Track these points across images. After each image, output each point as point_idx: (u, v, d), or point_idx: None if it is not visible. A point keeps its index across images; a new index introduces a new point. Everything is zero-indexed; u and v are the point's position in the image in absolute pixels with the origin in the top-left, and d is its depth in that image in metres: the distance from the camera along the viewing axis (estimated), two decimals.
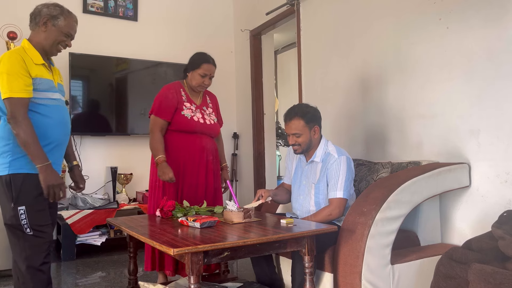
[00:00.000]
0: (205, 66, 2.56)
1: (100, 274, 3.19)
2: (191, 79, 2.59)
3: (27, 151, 1.83)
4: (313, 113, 2.29)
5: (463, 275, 1.65)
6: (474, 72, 2.31)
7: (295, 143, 2.28)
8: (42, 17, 1.97)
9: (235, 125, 4.92)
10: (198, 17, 4.73)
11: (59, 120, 1.99)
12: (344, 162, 2.21)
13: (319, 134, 2.31)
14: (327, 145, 2.31)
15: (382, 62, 2.90)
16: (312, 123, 2.27)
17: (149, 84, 4.33)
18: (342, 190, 2.17)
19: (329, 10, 3.40)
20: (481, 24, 2.27)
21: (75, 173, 2.24)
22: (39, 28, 1.98)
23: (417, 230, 2.38)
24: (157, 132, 2.53)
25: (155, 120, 2.54)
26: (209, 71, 2.57)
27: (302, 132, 2.25)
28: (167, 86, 2.64)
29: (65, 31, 2.01)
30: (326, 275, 2.08)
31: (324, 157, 2.28)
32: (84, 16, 4.17)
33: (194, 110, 2.59)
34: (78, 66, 3.99)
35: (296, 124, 2.25)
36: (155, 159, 2.47)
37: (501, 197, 2.19)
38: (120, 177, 4.07)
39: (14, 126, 1.81)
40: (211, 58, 2.61)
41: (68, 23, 2.02)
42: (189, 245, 1.56)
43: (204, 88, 2.64)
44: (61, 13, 2.00)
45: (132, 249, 2.29)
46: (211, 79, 2.61)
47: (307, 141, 2.27)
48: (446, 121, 2.46)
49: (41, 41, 1.98)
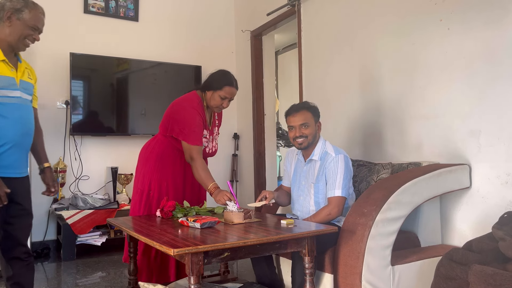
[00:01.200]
0: (227, 89, 2.42)
1: (100, 274, 3.19)
2: (210, 99, 2.45)
3: None
4: (316, 110, 2.34)
5: (463, 276, 1.65)
6: (475, 73, 2.31)
7: (302, 135, 2.27)
8: (6, 11, 1.88)
9: (236, 125, 4.92)
10: (199, 18, 4.73)
11: (16, 119, 1.89)
12: (342, 160, 2.22)
13: (320, 131, 2.34)
14: (325, 144, 2.33)
15: (383, 63, 2.90)
16: (317, 117, 2.32)
17: (150, 85, 4.33)
18: (341, 188, 2.18)
19: (330, 11, 3.40)
20: (482, 25, 2.27)
21: (47, 176, 2.12)
22: (3, 23, 1.89)
23: (417, 231, 2.38)
24: (202, 159, 2.38)
25: (197, 149, 2.37)
26: (231, 95, 2.44)
27: (311, 123, 2.27)
28: (195, 108, 2.43)
29: (30, 24, 1.91)
30: (326, 276, 2.07)
31: (322, 156, 2.29)
32: (85, 16, 4.18)
33: (208, 139, 2.52)
34: (79, 66, 3.99)
35: (305, 115, 2.27)
36: (209, 187, 2.29)
37: (501, 198, 2.19)
38: (120, 177, 4.07)
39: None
40: (234, 80, 2.47)
41: (34, 15, 1.92)
42: (190, 246, 1.56)
43: (221, 110, 2.54)
44: (25, 6, 1.90)
45: (132, 249, 2.29)
46: (230, 101, 2.48)
47: (314, 133, 2.29)
48: (447, 122, 2.46)
49: (6, 36, 1.89)
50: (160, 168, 2.47)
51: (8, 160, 1.85)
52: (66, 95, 4.01)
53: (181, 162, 2.49)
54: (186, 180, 2.53)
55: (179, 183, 2.50)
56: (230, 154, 4.83)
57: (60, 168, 3.91)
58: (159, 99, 4.25)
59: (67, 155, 4.03)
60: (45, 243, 3.88)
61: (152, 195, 2.48)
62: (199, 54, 4.66)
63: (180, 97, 2.55)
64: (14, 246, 1.96)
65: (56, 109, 4.01)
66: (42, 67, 3.97)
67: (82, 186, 4.09)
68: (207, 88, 2.47)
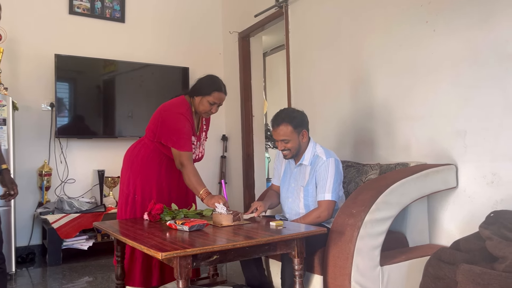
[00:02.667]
0: (216, 95, 2.40)
1: (87, 279, 3.14)
2: (198, 104, 2.43)
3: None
4: (300, 118, 2.28)
5: (451, 276, 1.66)
6: (461, 74, 2.34)
7: (285, 149, 2.27)
8: None
9: (224, 127, 4.90)
10: (186, 19, 4.71)
11: None
12: (332, 164, 2.21)
13: (307, 137, 2.30)
14: (315, 147, 2.31)
15: (370, 64, 2.91)
16: (300, 127, 2.25)
17: (137, 86, 4.29)
18: (331, 192, 2.17)
19: (317, 13, 3.41)
20: (467, 27, 2.30)
21: (5, 178, 2.04)
22: None
23: (405, 231, 2.39)
24: (193, 164, 2.36)
25: (187, 155, 2.35)
26: (220, 100, 2.42)
27: (291, 137, 2.23)
28: (184, 115, 2.40)
29: None
30: (316, 277, 2.07)
31: (312, 160, 2.27)
32: (70, 17, 4.12)
33: (195, 145, 2.50)
34: (64, 68, 3.93)
35: (284, 130, 2.23)
36: (200, 192, 2.27)
37: (487, 198, 2.22)
38: (107, 180, 4.02)
39: None
40: (223, 85, 2.45)
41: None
42: (178, 249, 1.54)
43: (209, 115, 2.52)
44: None
45: (119, 253, 2.26)
46: (219, 106, 2.46)
47: (296, 146, 2.26)
48: (434, 123, 2.48)
49: None
50: (145, 172, 2.44)
51: None
52: (51, 97, 3.95)
53: (166, 166, 2.47)
54: (172, 184, 2.50)
55: (165, 187, 2.48)
56: (218, 156, 4.81)
57: (45, 172, 3.84)
58: (146, 101, 4.22)
59: (52, 158, 3.97)
60: (30, 248, 3.81)
61: (136, 199, 2.45)
62: (187, 55, 4.63)
63: (168, 102, 2.51)
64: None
65: (41, 111, 3.95)
66: (27, 69, 3.91)
67: (68, 189, 4.03)
68: (196, 94, 2.44)
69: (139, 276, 2.39)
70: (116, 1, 4.34)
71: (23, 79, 3.90)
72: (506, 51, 2.12)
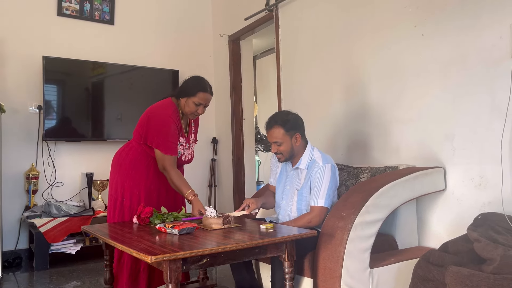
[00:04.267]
0: (201, 95, 2.37)
1: (74, 284, 3.10)
2: (184, 106, 2.41)
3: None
4: (294, 121, 2.27)
5: (440, 278, 1.67)
6: (449, 78, 2.37)
7: (277, 152, 2.26)
8: None
9: (214, 130, 4.89)
10: (176, 22, 4.69)
11: None
12: (328, 170, 2.20)
13: (301, 141, 2.28)
14: (313, 151, 2.29)
15: (360, 68, 2.93)
16: (293, 130, 2.24)
17: (126, 89, 4.27)
18: (324, 198, 2.16)
19: (307, 16, 3.43)
20: (455, 31, 2.33)
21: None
22: None
23: (395, 233, 2.41)
24: (176, 168, 2.36)
25: (170, 159, 2.34)
26: (205, 101, 2.40)
27: (283, 140, 2.23)
28: (171, 117, 2.38)
29: None
30: (306, 280, 2.07)
31: (309, 164, 2.26)
32: (58, 19, 4.09)
33: (184, 146, 2.49)
34: (52, 70, 3.89)
35: (276, 133, 2.23)
36: (186, 193, 2.28)
37: (475, 201, 2.24)
38: (96, 183, 3.98)
39: None
40: (208, 85, 2.43)
41: None
42: (167, 252, 1.53)
43: (196, 116, 2.49)
44: None
45: (108, 257, 2.23)
46: (205, 107, 2.44)
47: (289, 149, 2.25)
48: (422, 126, 2.51)
49: None
50: (133, 175, 2.42)
51: None
52: (39, 100, 3.90)
53: (155, 169, 2.44)
54: (160, 187, 2.48)
55: (153, 190, 2.46)
56: (208, 159, 4.80)
57: (32, 175, 3.79)
58: (136, 104, 4.18)
59: (39, 161, 3.92)
60: (17, 252, 3.74)
61: (124, 203, 2.43)
62: (177, 58, 4.61)
63: (155, 104, 2.50)
64: None
65: (28, 113, 3.90)
66: (14, 71, 3.86)
67: (56, 193, 3.98)
68: (181, 95, 2.42)
69: (126, 281, 2.37)
70: (106, 3, 4.31)
71: (10, 81, 3.85)
72: (493, 55, 2.15)
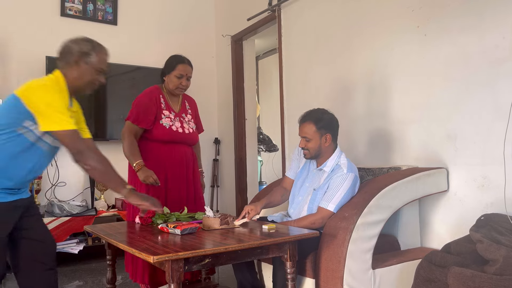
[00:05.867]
0: (180, 67, 2.52)
1: (77, 283, 3.11)
2: (168, 83, 2.55)
3: (110, 180, 1.84)
4: (327, 121, 2.25)
5: (442, 279, 1.67)
6: (452, 79, 2.36)
7: (304, 147, 2.25)
8: (74, 55, 1.85)
9: (217, 130, 4.89)
10: (179, 22, 4.70)
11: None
12: (350, 179, 2.15)
13: (331, 142, 2.25)
14: (340, 157, 2.26)
15: (362, 68, 2.93)
16: (324, 130, 2.22)
17: (129, 89, 4.27)
18: (336, 204, 2.12)
19: (310, 16, 3.43)
20: (458, 31, 2.32)
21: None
22: (70, 67, 1.86)
23: (397, 234, 2.40)
24: (131, 136, 2.46)
25: (130, 126, 2.48)
26: (185, 71, 2.53)
27: (312, 137, 2.22)
28: (146, 92, 2.57)
29: (98, 68, 1.90)
30: (308, 280, 2.07)
31: (334, 168, 2.23)
32: (61, 19, 4.10)
33: (173, 119, 2.54)
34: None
35: (307, 128, 2.23)
36: (134, 164, 2.40)
37: (478, 201, 2.23)
38: (98, 183, 3.99)
39: (87, 159, 1.80)
40: (186, 58, 2.57)
41: (100, 58, 1.90)
42: (170, 252, 1.53)
43: (182, 90, 2.58)
44: (92, 49, 1.88)
45: (110, 257, 2.24)
46: (188, 80, 2.55)
47: (317, 147, 2.23)
48: (425, 127, 2.50)
49: (75, 80, 1.87)
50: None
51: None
52: None
53: (157, 152, 2.52)
54: (181, 175, 2.55)
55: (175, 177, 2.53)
56: (211, 159, 4.80)
57: None
58: None
59: None
60: None
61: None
62: None
63: None
64: None
65: None
66: (18, 71, 3.87)
67: (59, 192, 3.99)
68: (164, 75, 2.59)
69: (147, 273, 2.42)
70: (109, 3, 4.32)
71: (14, 81, 3.86)
72: (496, 55, 2.15)
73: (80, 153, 1.80)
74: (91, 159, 1.82)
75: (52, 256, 1.93)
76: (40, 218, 2.01)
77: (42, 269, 1.88)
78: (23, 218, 1.85)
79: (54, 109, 1.73)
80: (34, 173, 1.85)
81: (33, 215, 1.93)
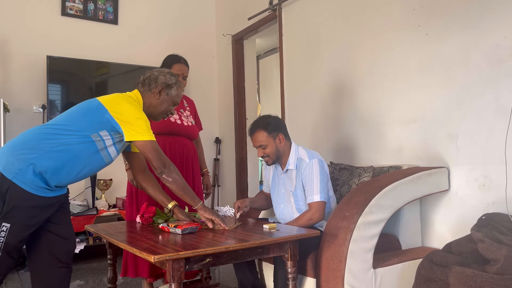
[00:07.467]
0: (176, 67, 2.53)
1: (78, 283, 3.11)
2: None
3: (187, 193, 1.91)
4: (274, 123, 2.28)
5: (443, 278, 1.67)
6: (453, 78, 2.36)
7: (264, 155, 2.28)
8: (159, 85, 1.97)
9: (217, 130, 4.89)
10: (179, 21, 4.70)
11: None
12: (316, 164, 2.20)
13: (285, 141, 2.29)
14: (298, 150, 2.30)
15: (362, 67, 2.93)
16: (275, 132, 2.25)
17: (130, 89, 4.21)
18: (319, 193, 2.16)
19: (311, 16, 3.42)
20: (459, 31, 2.32)
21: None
22: (151, 94, 1.98)
23: (398, 234, 2.40)
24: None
25: None
26: (181, 71, 2.54)
27: (267, 142, 2.24)
28: None
29: (174, 100, 2.02)
30: (309, 280, 2.07)
31: (297, 163, 2.27)
32: (62, 19, 4.10)
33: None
34: (56, 69, 3.91)
35: (259, 136, 2.25)
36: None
37: (479, 201, 2.23)
38: (99, 183, 3.99)
39: (171, 172, 1.87)
40: (182, 58, 2.60)
41: (179, 93, 2.03)
42: (170, 252, 1.53)
43: None
44: (175, 83, 2.01)
45: (111, 256, 2.24)
46: (185, 79, 2.57)
47: (274, 150, 2.26)
48: (426, 126, 2.50)
49: (152, 107, 1.98)
50: None
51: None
52: (43, 99, 3.92)
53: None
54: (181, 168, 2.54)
55: None
56: (212, 158, 4.80)
57: None
58: None
59: None
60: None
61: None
62: None
63: None
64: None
65: (32, 113, 3.91)
66: (18, 70, 3.88)
67: None
68: None
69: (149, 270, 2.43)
70: (109, 3, 4.32)
71: (14, 81, 3.87)
72: (497, 55, 2.15)
73: (165, 166, 1.87)
74: (174, 173, 1.90)
75: (70, 254, 1.97)
76: (69, 214, 2.04)
77: (58, 265, 1.91)
78: (55, 212, 1.88)
79: (144, 122, 1.83)
80: (80, 178, 1.91)
81: (65, 209, 1.97)
